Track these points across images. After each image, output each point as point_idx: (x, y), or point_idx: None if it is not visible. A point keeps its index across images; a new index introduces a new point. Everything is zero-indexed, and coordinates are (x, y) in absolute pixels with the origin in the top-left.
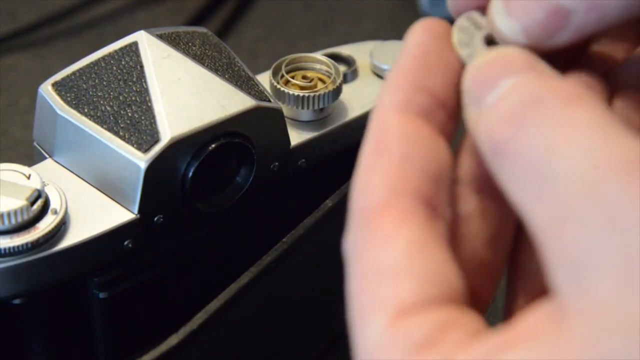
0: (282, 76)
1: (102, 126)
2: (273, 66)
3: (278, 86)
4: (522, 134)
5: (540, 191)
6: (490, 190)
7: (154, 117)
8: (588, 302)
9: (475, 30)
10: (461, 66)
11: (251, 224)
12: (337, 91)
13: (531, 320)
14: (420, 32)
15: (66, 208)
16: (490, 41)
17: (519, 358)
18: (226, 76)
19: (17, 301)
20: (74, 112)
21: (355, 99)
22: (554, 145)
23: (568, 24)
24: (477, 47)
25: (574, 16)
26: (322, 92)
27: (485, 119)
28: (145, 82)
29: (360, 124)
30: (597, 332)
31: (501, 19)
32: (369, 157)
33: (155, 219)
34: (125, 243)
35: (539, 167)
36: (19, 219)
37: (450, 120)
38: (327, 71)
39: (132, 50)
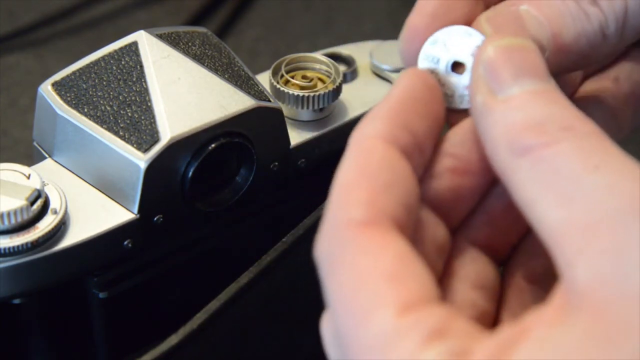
0: (282, 76)
1: (102, 126)
2: (273, 66)
3: (278, 86)
4: (558, 146)
5: (572, 196)
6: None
7: (153, 117)
8: (622, 298)
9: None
10: (442, 119)
11: (251, 224)
12: (337, 91)
13: (543, 311)
14: (414, 76)
15: (66, 208)
16: (455, 63)
17: (533, 347)
18: (226, 76)
19: (17, 301)
20: (74, 112)
21: (355, 99)
22: (592, 161)
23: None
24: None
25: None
26: (322, 92)
27: (506, 112)
28: (145, 82)
29: None
30: (623, 323)
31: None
32: (350, 176)
33: (155, 219)
34: (125, 243)
35: (576, 176)
36: (19, 219)
37: (423, 165)
38: (327, 71)
39: (132, 50)
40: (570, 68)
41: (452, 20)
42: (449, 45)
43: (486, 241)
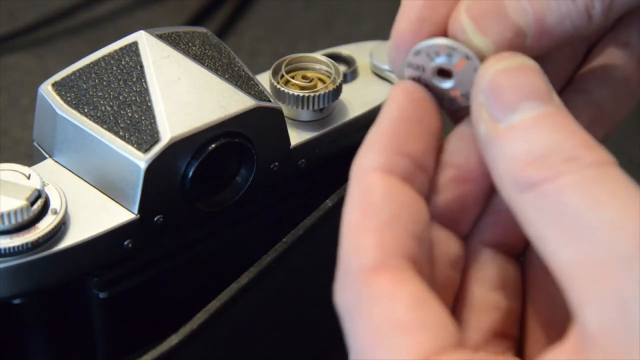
0: (282, 76)
1: (102, 126)
2: (273, 66)
3: (278, 86)
4: (561, 180)
5: (578, 235)
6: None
7: (154, 117)
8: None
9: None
10: (440, 130)
11: (251, 224)
12: (337, 91)
13: (559, 351)
14: (401, 96)
15: (66, 208)
16: (441, 71)
17: None
18: (226, 76)
19: (17, 301)
20: (74, 112)
21: (355, 99)
22: (595, 197)
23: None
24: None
25: (528, 38)
26: (322, 92)
27: (509, 144)
28: (145, 82)
29: (360, 124)
30: None
31: (474, 37)
32: (355, 217)
33: (155, 219)
34: (125, 243)
35: (580, 213)
36: (19, 219)
37: (427, 182)
38: (327, 71)
39: (132, 50)
40: (555, 49)
41: (438, 20)
42: (432, 55)
43: (499, 240)
